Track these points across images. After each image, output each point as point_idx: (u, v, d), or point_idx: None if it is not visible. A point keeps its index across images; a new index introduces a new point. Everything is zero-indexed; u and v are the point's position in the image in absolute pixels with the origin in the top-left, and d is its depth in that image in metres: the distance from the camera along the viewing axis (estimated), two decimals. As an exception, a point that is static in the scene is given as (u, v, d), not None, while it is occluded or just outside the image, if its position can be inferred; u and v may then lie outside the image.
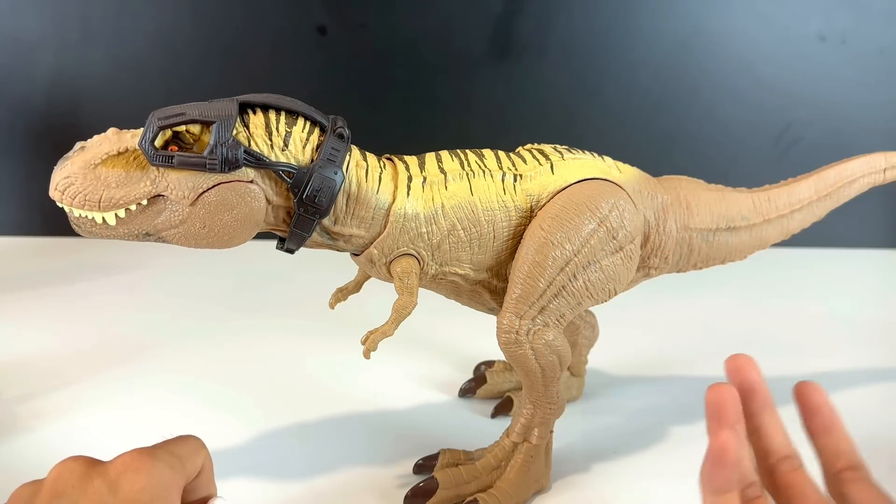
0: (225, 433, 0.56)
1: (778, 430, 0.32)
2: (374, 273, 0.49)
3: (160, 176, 0.40)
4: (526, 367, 0.47)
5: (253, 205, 0.42)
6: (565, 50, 1.06)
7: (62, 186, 0.40)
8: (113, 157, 0.40)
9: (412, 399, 0.63)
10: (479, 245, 0.47)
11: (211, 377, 0.66)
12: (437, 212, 0.46)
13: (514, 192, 0.47)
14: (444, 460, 0.50)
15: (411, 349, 0.71)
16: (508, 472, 0.48)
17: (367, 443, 0.56)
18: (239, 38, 1.05)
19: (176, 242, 0.43)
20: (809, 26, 1.06)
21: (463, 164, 0.48)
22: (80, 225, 0.41)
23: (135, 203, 0.40)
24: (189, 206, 0.41)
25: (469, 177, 0.47)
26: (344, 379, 0.66)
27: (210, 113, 0.40)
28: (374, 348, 0.46)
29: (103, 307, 0.83)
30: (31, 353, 0.70)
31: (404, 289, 0.46)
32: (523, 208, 0.47)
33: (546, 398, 0.48)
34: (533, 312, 0.46)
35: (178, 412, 0.60)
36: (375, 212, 0.45)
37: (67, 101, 1.06)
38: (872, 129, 1.09)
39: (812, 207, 0.57)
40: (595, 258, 0.46)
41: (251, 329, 0.78)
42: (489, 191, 0.47)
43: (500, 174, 0.47)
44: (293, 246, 0.45)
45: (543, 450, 0.49)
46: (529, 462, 0.48)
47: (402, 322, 0.46)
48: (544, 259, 0.45)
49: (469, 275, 0.48)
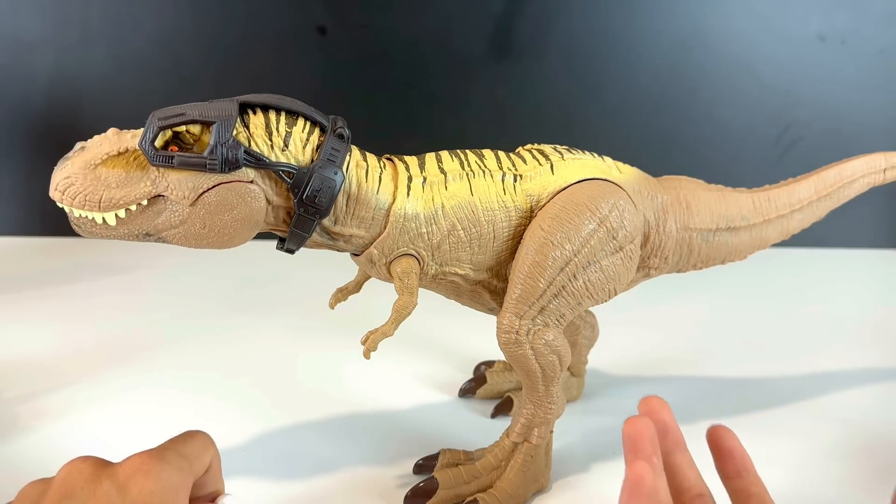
0: (225, 432, 0.56)
1: (690, 468, 0.33)
2: (374, 273, 0.49)
3: (160, 176, 0.40)
4: (526, 367, 0.47)
5: (253, 205, 0.42)
6: (565, 50, 1.06)
7: (62, 187, 0.40)
8: (113, 158, 0.40)
9: (412, 399, 0.63)
10: (479, 245, 0.47)
11: (211, 377, 0.66)
12: (437, 212, 0.46)
13: (514, 193, 0.47)
14: (444, 460, 0.50)
15: (411, 349, 0.71)
16: (508, 472, 0.48)
17: (367, 443, 0.56)
18: (239, 38, 1.05)
19: (176, 242, 0.43)
20: (809, 26, 1.06)
21: (463, 164, 0.48)
22: (80, 225, 0.41)
23: (135, 203, 0.40)
24: (189, 207, 0.41)
25: (469, 177, 0.47)
26: (343, 379, 0.67)
27: (210, 113, 0.40)
28: (374, 348, 0.46)
29: (103, 307, 0.83)
30: (32, 353, 0.70)
31: (404, 289, 0.46)
32: (523, 208, 0.47)
33: (546, 398, 0.48)
34: (533, 312, 0.46)
35: (179, 412, 0.60)
36: (375, 212, 0.45)
37: (67, 101, 1.06)
38: (872, 129, 1.09)
39: (812, 207, 0.57)
40: (595, 258, 0.46)
41: (251, 329, 0.78)
42: (489, 191, 0.47)
43: (501, 174, 0.47)
44: (293, 246, 0.45)
45: (544, 450, 0.49)
46: (529, 462, 0.48)
47: (402, 322, 0.46)
48: (544, 259, 0.45)
49: (469, 275, 0.48)
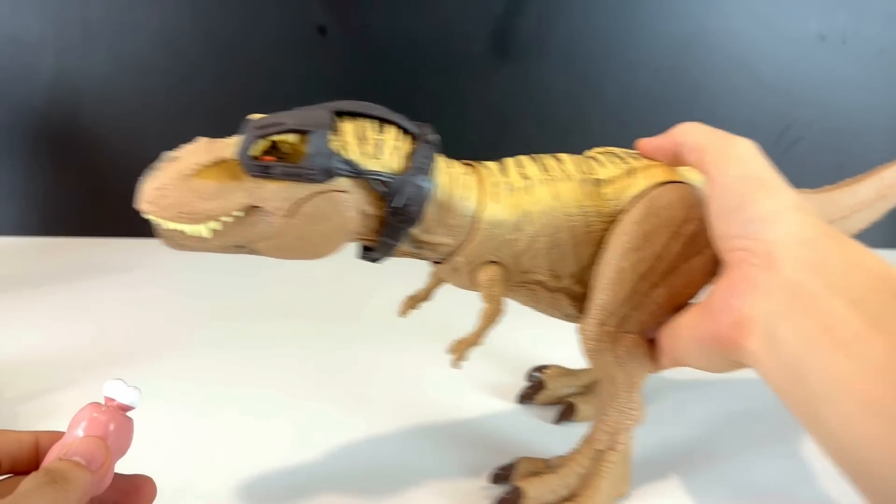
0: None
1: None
2: (454, 281, 0.48)
3: (255, 187, 0.39)
4: (610, 373, 0.46)
5: (347, 214, 0.41)
6: (565, 50, 1.06)
7: (154, 198, 0.38)
8: (207, 168, 0.39)
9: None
10: (561, 251, 0.46)
11: (210, 377, 0.66)
12: (523, 218, 0.45)
13: (594, 197, 0.46)
14: (524, 469, 0.49)
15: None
16: (594, 481, 0.47)
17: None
18: (239, 38, 1.05)
19: (268, 254, 0.42)
20: (809, 26, 1.06)
21: (543, 168, 0.47)
22: (170, 237, 0.40)
23: (230, 215, 0.39)
24: (284, 218, 0.39)
25: (551, 182, 0.46)
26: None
27: (306, 122, 0.39)
28: (462, 358, 0.45)
29: (104, 307, 0.83)
30: (32, 353, 0.70)
31: (490, 298, 0.45)
32: (604, 213, 0.46)
33: (629, 404, 0.47)
34: (616, 319, 0.45)
35: (179, 411, 0.60)
36: (463, 219, 0.44)
37: (67, 101, 1.06)
38: (873, 129, 1.09)
39: (872, 208, 0.57)
40: (676, 263, 0.45)
41: (253, 330, 0.78)
42: (571, 196, 0.46)
43: (581, 179, 0.46)
44: (381, 255, 0.44)
45: (625, 457, 0.49)
46: (613, 469, 0.48)
47: (488, 331, 0.45)
48: (628, 266, 0.44)
49: (549, 282, 0.47)
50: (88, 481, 0.31)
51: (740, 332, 0.35)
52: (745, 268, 0.36)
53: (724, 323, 0.37)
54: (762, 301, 0.35)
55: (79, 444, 0.32)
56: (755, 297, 0.35)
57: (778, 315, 0.34)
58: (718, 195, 0.40)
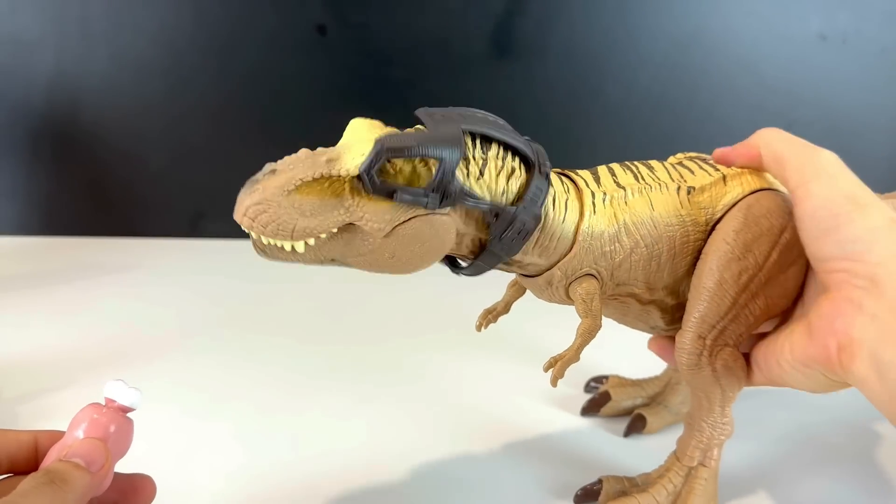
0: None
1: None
2: (545, 295, 0.46)
3: (355, 205, 0.38)
4: (706, 388, 0.45)
5: (445, 238, 0.40)
6: (566, 50, 1.06)
7: (253, 213, 0.37)
8: (308, 184, 0.37)
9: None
10: (658, 262, 0.45)
11: (211, 377, 0.66)
12: (621, 229, 0.44)
13: (689, 206, 0.45)
14: (610, 489, 0.48)
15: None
16: (687, 498, 0.47)
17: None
18: (239, 37, 1.05)
19: (358, 268, 0.41)
20: (810, 26, 1.06)
21: (637, 177, 0.45)
22: (266, 251, 0.39)
23: (327, 232, 0.38)
24: (382, 238, 0.39)
25: (646, 191, 0.45)
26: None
27: (437, 150, 0.38)
28: (561, 376, 0.44)
29: (104, 307, 0.83)
30: (32, 353, 0.70)
31: (588, 312, 0.44)
32: (699, 222, 0.45)
33: (722, 419, 0.46)
34: (715, 332, 0.44)
35: (179, 412, 0.59)
36: (559, 241, 0.43)
37: (67, 101, 1.06)
38: (874, 129, 1.09)
39: None
40: (774, 273, 0.44)
41: (253, 330, 0.78)
42: (667, 205, 0.44)
43: (675, 187, 0.45)
44: (470, 274, 0.43)
45: (714, 473, 0.48)
46: (705, 486, 0.47)
47: (586, 347, 0.44)
48: (730, 276, 0.43)
49: (643, 294, 0.46)
50: (88, 483, 0.31)
51: (846, 355, 0.35)
52: (849, 289, 0.36)
53: (830, 346, 0.36)
54: (868, 324, 0.34)
55: (79, 445, 0.32)
56: (861, 320, 0.35)
57: (884, 340, 0.33)
58: (811, 216, 0.39)
